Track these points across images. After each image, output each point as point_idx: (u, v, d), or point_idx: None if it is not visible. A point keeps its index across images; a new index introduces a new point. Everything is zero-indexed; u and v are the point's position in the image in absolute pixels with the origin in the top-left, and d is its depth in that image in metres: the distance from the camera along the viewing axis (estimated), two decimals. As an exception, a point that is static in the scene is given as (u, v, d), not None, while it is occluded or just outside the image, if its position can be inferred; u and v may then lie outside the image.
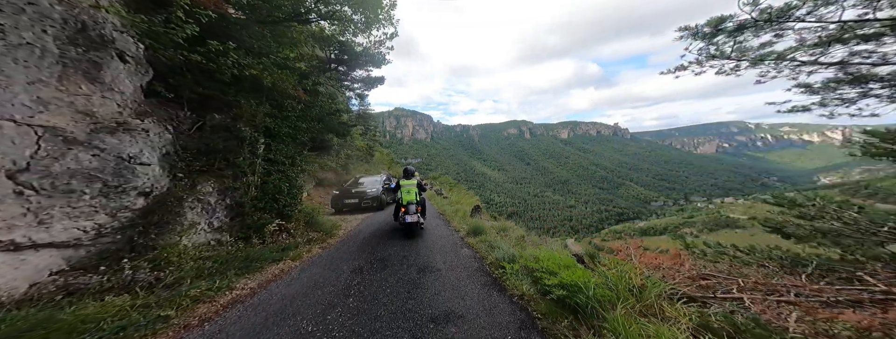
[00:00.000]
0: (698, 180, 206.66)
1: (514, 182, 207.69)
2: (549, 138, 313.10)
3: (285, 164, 5.35)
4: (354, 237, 5.66)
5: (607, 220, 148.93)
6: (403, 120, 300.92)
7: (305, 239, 5.09)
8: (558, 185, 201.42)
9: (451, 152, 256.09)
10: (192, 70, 3.95)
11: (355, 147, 18.38)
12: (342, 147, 15.14)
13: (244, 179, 4.39)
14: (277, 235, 4.82)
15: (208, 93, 4.15)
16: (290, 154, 5.56)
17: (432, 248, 4.63)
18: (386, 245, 4.87)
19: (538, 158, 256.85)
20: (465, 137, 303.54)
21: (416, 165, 30.93)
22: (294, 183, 5.44)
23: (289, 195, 5.17)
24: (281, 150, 5.36)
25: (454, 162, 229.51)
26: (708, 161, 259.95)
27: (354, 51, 9.09)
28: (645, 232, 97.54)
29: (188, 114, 4.01)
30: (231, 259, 3.60)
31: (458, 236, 5.51)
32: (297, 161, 5.73)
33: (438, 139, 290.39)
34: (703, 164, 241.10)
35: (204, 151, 4.00)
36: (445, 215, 7.93)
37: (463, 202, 11.05)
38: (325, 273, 3.65)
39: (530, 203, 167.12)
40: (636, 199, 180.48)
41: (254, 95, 4.88)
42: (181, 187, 3.60)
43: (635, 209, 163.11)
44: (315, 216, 5.94)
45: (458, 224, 6.59)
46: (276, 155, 5.22)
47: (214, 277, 3.21)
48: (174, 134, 3.70)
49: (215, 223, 3.99)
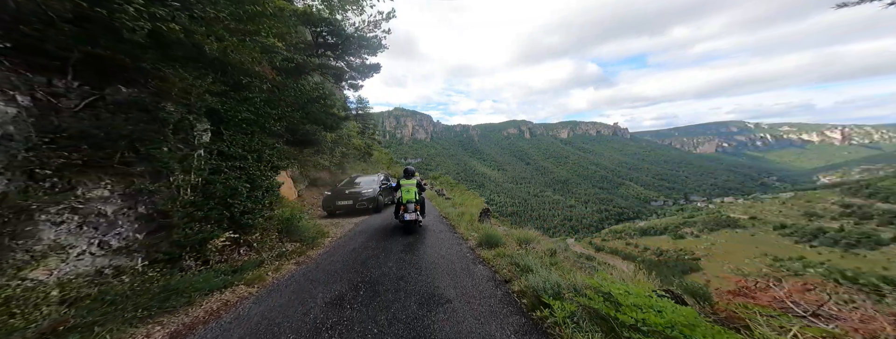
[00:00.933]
0: (698, 179, 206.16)
1: (514, 182, 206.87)
2: (548, 138, 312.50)
3: (246, 159, 4.22)
4: (342, 248, 4.66)
5: (607, 220, 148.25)
6: (403, 120, 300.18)
7: (276, 253, 4.07)
8: (558, 185, 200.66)
9: (450, 152, 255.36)
10: (82, 20, 2.63)
11: (352, 146, 17.10)
12: (337, 144, 14.04)
13: (171, 178, 3.22)
14: (231, 251, 3.74)
15: (109, 55, 2.86)
16: (255, 147, 4.44)
17: (437, 264, 3.63)
18: (379, 259, 3.89)
19: (538, 158, 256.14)
20: (464, 137, 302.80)
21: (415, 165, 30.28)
22: (259, 183, 4.30)
23: (250, 199, 4.04)
24: (239, 141, 4.22)
25: (454, 162, 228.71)
26: (707, 161, 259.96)
27: (345, 32, 7.98)
28: (645, 232, 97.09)
29: (74, 84, 2.80)
30: (136, 295, 2.49)
31: (467, 246, 4.51)
32: (266, 156, 4.62)
33: (438, 139, 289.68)
34: (703, 163, 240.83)
35: (98, 137, 2.79)
36: (450, 220, 6.94)
37: (468, 204, 10.05)
38: (288, 307, 2.62)
39: (530, 203, 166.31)
40: (636, 199, 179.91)
41: (192, 66, 3.67)
42: (36, 192, 2.40)
43: (635, 209, 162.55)
44: (294, 222, 4.89)
45: (465, 231, 5.59)
46: (231, 147, 4.07)
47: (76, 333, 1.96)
48: (34, 110, 2.49)
49: (115, 243, 2.81)
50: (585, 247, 71.83)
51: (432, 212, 8.21)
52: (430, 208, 8.73)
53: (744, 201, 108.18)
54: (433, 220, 7.03)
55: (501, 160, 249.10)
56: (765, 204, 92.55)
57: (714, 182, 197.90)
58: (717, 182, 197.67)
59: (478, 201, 11.67)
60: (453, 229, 5.91)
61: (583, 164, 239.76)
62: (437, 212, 8.51)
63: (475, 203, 10.60)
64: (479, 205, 9.96)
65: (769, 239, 73.62)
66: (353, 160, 17.40)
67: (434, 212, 8.33)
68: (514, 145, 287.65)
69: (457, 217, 6.98)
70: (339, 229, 6.38)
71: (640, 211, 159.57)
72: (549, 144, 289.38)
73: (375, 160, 23.53)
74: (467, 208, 9.02)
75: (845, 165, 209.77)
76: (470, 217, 6.93)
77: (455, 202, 10.57)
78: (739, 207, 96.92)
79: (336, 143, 14.14)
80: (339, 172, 13.78)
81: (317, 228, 5.55)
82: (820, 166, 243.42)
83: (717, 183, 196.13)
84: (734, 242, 76.82)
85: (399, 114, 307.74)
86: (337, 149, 14.01)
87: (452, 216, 7.15)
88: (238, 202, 3.81)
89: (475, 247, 4.38)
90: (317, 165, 11.55)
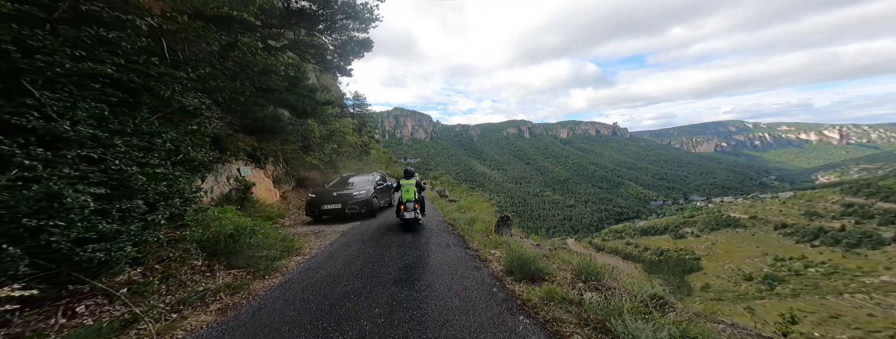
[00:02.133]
0: (697, 179, 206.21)
1: (513, 182, 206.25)
2: (548, 138, 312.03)
3: (114, 145, 2.63)
4: (310, 275, 3.31)
5: (607, 219, 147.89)
6: (402, 120, 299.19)
7: (181, 296, 2.61)
8: (558, 184, 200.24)
9: (450, 152, 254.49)
10: None
11: (347, 143, 15.49)
12: (327, 140, 12.71)
13: None
14: (49, 312, 2.10)
15: None
16: (135, 127, 2.89)
17: (450, 311, 2.30)
18: (360, 298, 2.59)
19: (537, 158, 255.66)
20: (464, 137, 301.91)
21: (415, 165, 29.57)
22: (139, 187, 2.70)
23: (109, 216, 2.41)
24: (82, 113, 2.50)
25: (453, 162, 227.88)
26: (707, 160, 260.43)
27: (328, -6, 6.03)
28: (646, 232, 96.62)
29: None
30: None
31: (489, 273, 3.20)
32: (163, 144, 3.09)
33: (438, 139, 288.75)
34: (702, 163, 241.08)
35: None
36: (458, 229, 5.70)
37: (476, 208, 8.74)
38: None
39: (530, 203, 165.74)
40: (635, 198, 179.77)
41: None
42: None
43: (635, 209, 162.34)
44: (243, 239, 3.47)
45: (480, 246, 4.33)
46: (58, 123, 2.34)
47: None
48: None
49: None
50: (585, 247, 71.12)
51: (435, 218, 7.14)
52: (432, 214, 7.70)
53: (743, 201, 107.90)
54: (437, 228, 5.86)
55: (501, 160, 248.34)
56: (765, 204, 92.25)
57: (713, 182, 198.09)
58: (716, 182, 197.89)
59: (484, 204, 10.28)
60: (465, 242, 4.65)
61: (582, 163, 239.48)
62: (439, 217, 7.26)
63: (484, 207, 9.28)
64: (489, 209, 8.71)
65: (770, 239, 73.23)
66: (348, 159, 16.12)
67: (437, 217, 7.17)
68: (514, 145, 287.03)
69: (466, 225, 5.74)
70: (319, 240, 5.09)
71: (639, 211, 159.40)
72: (548, 144, 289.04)
73: (374, 159, 22.41)
74: (477, 212, 7.77)
75: (843, 164, 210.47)
76: (483, 226, 5.69)
77: (461, 206, 9.19)
78: (739, 206, 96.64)
79: (326, 139, 12.77)
80: (331, 171, 12.60)
81: (285, 243, 4.25)
82: (818, 166, 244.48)
83: (716, 183, 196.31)
84: (735, 241, 76.37)
85: (398, 114, 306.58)
86: (327, 145, 12.60)
87: (461, 224, 5.87)
88: (69, 222, 2.04)
89: (502, 275, 3.09)
90: (304, 163, 10.30)
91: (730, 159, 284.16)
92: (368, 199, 7.29)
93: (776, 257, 63.58)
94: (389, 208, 8.90)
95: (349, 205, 6.99)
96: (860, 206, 71.81)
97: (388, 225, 6.28)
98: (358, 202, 7.09)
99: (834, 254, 59.65)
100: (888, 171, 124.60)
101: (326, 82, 19.27)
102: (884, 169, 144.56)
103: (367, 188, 7.72)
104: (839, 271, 52.46)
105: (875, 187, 74.30)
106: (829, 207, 77.48)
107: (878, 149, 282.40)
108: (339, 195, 7.20)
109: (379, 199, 8.02)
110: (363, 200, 7.19)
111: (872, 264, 53.13)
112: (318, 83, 18.58)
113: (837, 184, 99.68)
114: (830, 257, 58.37)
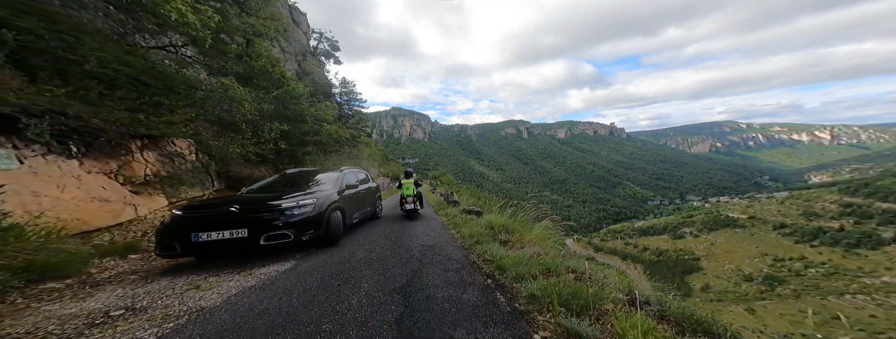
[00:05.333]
0: (693, 179, 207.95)
1: (512, 182, 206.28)
2: (546, 138, 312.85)
3: None
4: None
5: (605, 219, 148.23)
6: (401, 120, 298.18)
7: None
8: (556, 184, 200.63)
9: (448, 152, 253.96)
10: None
11: (325, 133, 11.39)
12: (269, 118, 7.76)
13: None
14: None
15: None
16: None
17: None
18: None
19: (536, 158, 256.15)
20: (462, 137, 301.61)
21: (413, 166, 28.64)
22: None
23: None
24: None
25: (452, 162, 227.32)
26: (702, 160, 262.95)
27: None
28: (644, 232, 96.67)
29: None
30: None
31: None
32: None
33: (436, 139, 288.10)
34: (698, 163, 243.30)
35: None
36: (489, 267, 3.14)
37: (519, 228, 4.92)
38: None
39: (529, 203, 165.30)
40: (633, 198, 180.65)
41: None
42: None
43: (632, 209, 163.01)
44: None
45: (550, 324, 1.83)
46: None
47: None
48: None
49: None
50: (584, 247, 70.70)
51: (443, 237, 4.83)
52: (442, 234, 5.04)
53: (740, 201, 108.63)
54: (457, 278, 2.79)
55: (500, 160, 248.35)
56: (762, 203, 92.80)
57: (709, 182, 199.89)
58: (712, 182, 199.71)
59: (500, 219, 5.28)
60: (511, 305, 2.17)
61: (581, 164, 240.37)
62: (454, 244, 4.25)
63: (503, 221, 5.15)
64: (552, 236, 4.82)
65: (769, 239, 73.55)
66: (339, 156, 13.00)
67: (449, 250, 3.92)
68: (512, 145, 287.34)
69: (503, 260, 3.09)
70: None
71: (637, 211, 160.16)
72: (546, 144, 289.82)
73: (367, 157, 19.93)
74: (520, 232, 4.64)
75: (835, 164, 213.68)
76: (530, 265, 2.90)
77: (483, 221, 5.55)
78: (737, 206, 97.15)
79: (286, 119, 8.22)
80: (293, 165, 8.95)
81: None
82: (811, 166, 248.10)
83: (712, 182, 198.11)
84: (734, 241, 76.60)
85: (397, 113, 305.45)
86: (272, 125, 7.66)
87: (515, 276, 2.72)
88: None
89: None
90: (238, 155, 6.59)
91: (725, 159, 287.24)
92: (322, 213, 3.99)
93: (776, 258, 63.76)
94: (378, 221, 6.58)
95: (272, 228, 3.48)
96: (859, 206, 72.37)
97: (367, 262, 3.42)
98: (298, 221, 3.65)
99: (834, 254, 59.93)
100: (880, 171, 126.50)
101: (310, 68, 17.84)
102: (875, 169, 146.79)
103: (326, 194, 4.40)
104: (839, 271, 52.63)
105: (873, 186, 74.92)
106: (827, 207, 78.05)
107: (869, 149, 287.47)
108: (256, 208, 3.64)
109: (351, 210, 5.13)
110: (309, 216, 3.79)
111: (873, 264, 53.39)
112: (300, 69, 16.81)
113: (831, 184, 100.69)
114: (830, 258, 58.60)
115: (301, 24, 19.82)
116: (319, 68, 19.32)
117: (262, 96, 7.93)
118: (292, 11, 18.32)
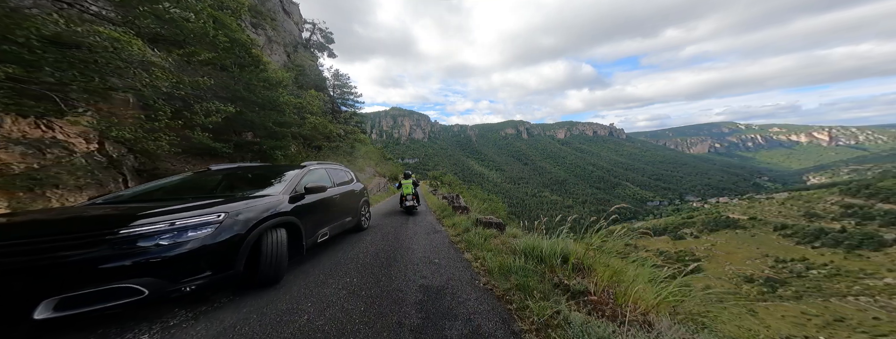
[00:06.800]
0: (692, 179, 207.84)
1: (511, 182, 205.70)
2: (546, 138, 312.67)
3: None
4: None
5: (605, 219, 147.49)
6: (400, 120, 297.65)
7: None
8: (556, 185, 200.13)
9: (448, 152, 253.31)
10: None
11: (308, 125, 10.67)
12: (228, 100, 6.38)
13: None
14: None
15: None
16: None
17: None
18: None
19: (535, 159, 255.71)
20: (462, 137, 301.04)
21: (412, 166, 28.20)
22: None
23: None
24: None
25: (451, 162, 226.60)
26: (701, 161, 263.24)
27: None
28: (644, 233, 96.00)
29: None
30: None
31: None
32: None
33: (436, 139, 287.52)
34: (697, 164, 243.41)
35: None
36: None
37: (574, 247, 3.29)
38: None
39: (528, 203, 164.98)
40: (632, 199, 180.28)
41: None
42: None
43: (632, 209, 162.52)
44: None
45: None
46: None
47: None
48: None
49: None
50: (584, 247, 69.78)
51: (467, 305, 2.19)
52: (458, 280, 2.99)
53: (739, 201, 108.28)
54: None
55: (499, 161, 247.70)
56: (762, 204, 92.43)
57: (708, 182, 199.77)
58: (711, 182, 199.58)
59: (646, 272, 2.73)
60: None
61: (580, 164, 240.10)
62: (477, 285, 2.55)
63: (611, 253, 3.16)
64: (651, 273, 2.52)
65: (770, 240, 73.03)
66: (308, 149, 11.70)
67: (471, 302, 2.21)
68: (512, 146, 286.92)
69: None
70: None
71: (636, 211, 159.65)
72: (546, 145, 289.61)
73: (363, 155, 18.97)
74: (601, 271, 2.57)
75: (833, 165, 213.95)
76: None
77: (542, 249, 3.18)
78: (737, 207, 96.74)
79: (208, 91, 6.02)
80: (258, 161, 7.87)
81: None
82: (809, 167, 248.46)
83: (711, 183, 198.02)
84: (735, 242, 76.07)
85: (396, 114, 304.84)
86: (208, 105, 5.90)
87: None
88: None
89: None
90: (201, 143, 5.64)
91: (724, 160, 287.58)
92: (241, 237, 2.30)
93: (777, 259, 63.20)
94: (362, 234, 5.03)
95: (89, 279, 1.66)
96: (860, 207, 71.94)
97: (311, 334, 1.80)
98: (171, 259, 1.89)
99: (835, 256, 59.40)
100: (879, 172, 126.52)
101: (302, 61, 16.62)
102: (873, 170, 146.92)
103: (261, 203, 2.67)
104: (841, 273, 52.09)
105: (875, 188, 74.50)
106: (828, 208, 77.64)
107: (867, 150, 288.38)
108: (68, 237, 1.73)
109: (315, 225, 3.52)
110: (202, 247, 2.04)
111: (875, 266, 52.87)
112: (290, 61, 15.59)
113: (830, 185, 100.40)
114: (832, 259, 58.09)
115: (292, 14, 18.98)
116: (312, 61, 18.44)
117: (208, 72, 6.19)
118: (282, 1, 17.47)
